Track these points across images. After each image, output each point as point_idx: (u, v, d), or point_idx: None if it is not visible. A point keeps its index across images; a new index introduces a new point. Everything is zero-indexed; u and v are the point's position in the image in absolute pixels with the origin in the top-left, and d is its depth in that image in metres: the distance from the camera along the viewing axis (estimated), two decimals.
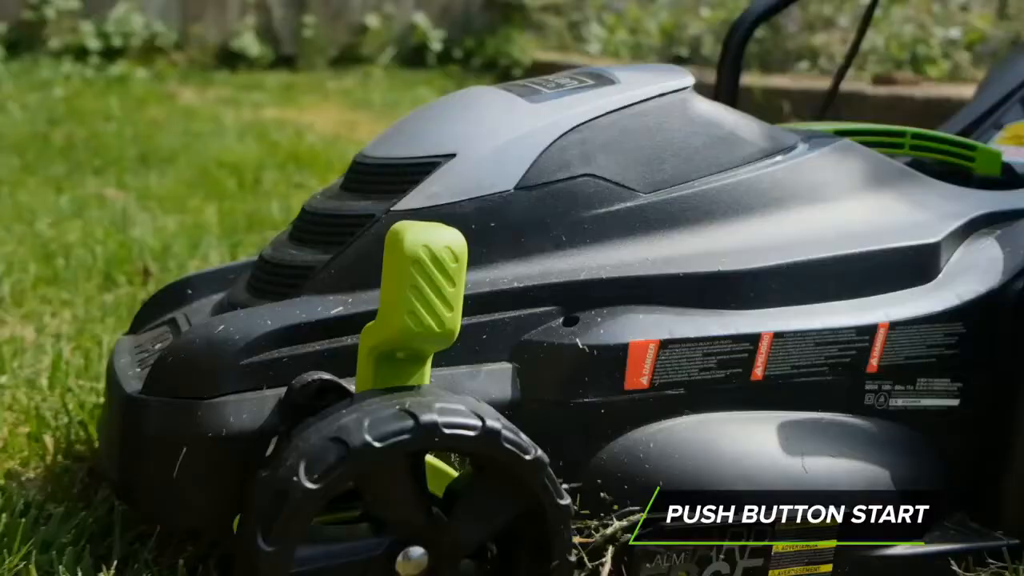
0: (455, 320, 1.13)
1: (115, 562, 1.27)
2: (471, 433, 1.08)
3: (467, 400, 1.14)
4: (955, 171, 1.68)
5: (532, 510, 1.14)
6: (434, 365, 1.23)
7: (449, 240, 1.12)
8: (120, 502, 1.34)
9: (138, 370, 1.29)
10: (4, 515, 1.35)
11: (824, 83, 3.95)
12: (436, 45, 6.52)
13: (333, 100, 5.51)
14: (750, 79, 4.65)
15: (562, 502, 1.14)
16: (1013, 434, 1.38)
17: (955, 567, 1.35)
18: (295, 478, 1.05)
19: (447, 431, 1.08)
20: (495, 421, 1.10)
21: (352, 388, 1.18)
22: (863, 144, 1.56)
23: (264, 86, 5.75)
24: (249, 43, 6.20)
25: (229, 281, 1.46)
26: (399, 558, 1.12)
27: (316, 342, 1.22)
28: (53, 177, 3.44)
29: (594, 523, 1.23)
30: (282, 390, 1.19)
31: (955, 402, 1.40)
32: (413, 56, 6.55)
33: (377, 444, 1.06)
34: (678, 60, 5.29)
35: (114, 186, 3.37)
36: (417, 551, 1.13)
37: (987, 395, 1.40)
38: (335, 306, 1.24)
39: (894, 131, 1.64)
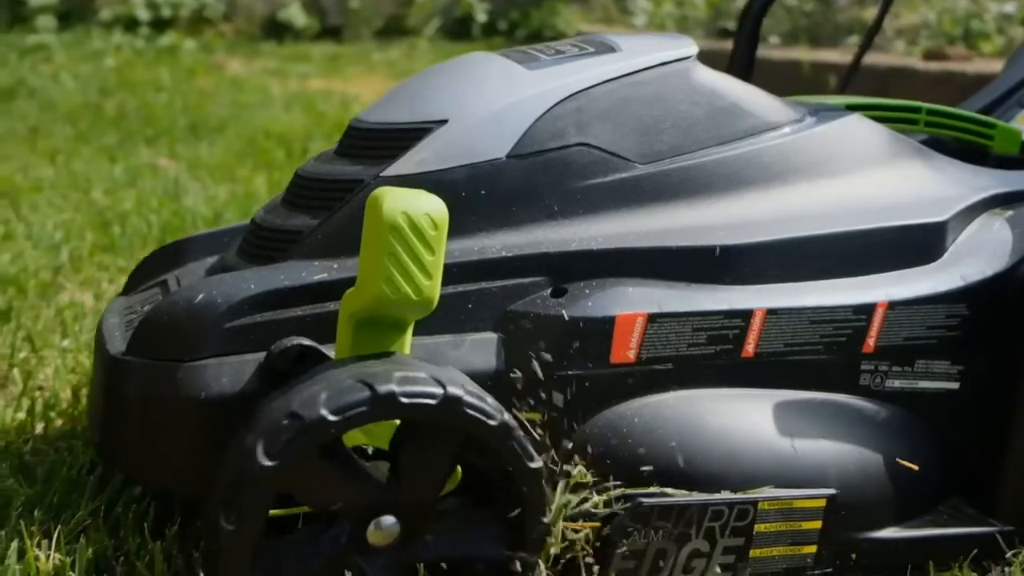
0: (434, 288, 1.12)
1: (178, 519, 1.27)
2: (431, 402, 1.07)
3: (431, 367, 1.12)
4: (973, 150, 1.64)
5: (504, 474, 1.13)
6: (418, 333, 1.23)
7: (429, 207, 1.11)
8: (99, 460, 1.36)
9: (125, 331, 1.29)
10: (72, 473, 1.38)
11: (874, 58, 3.88)
12: (481, 16, 6.50)
13: (378, 71, 5.54)
14: (799, 53, 4.59)
15: (532, 465, 1.12)
16: (1013, 419, 1.35)
17: (946, 553, 1.33)
18: (253, 456, 1.04)
19: (406, 400, 1.06)
20: (457, 388, 1.08)
21: (332, 354, 1.17)
22: (876, 120, 1.53)
23: (310, 57, 5.80)
24: (295, 14, 6.22)
25: (224, 244, 1.46)
26: (370, 529, 1.12)
27: (299, 307, 1.21)
28: (106, 146, 3.52)
29: (575, 497, 1.22)
30: (263, 355, 1.19)
31: (955, 385, 1.37)
32: (458, 27, 6.54)
33: (333, 418, 1.05)
34: (724, 33, 5.22)
35: (166, 156, 3.44)
36: (387, 520, 1.12)
37: (988, 379, 1.37)
38: (320, 271, 1.23)
39: (909, 107, 1.60)
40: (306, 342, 1.18)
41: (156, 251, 1.51)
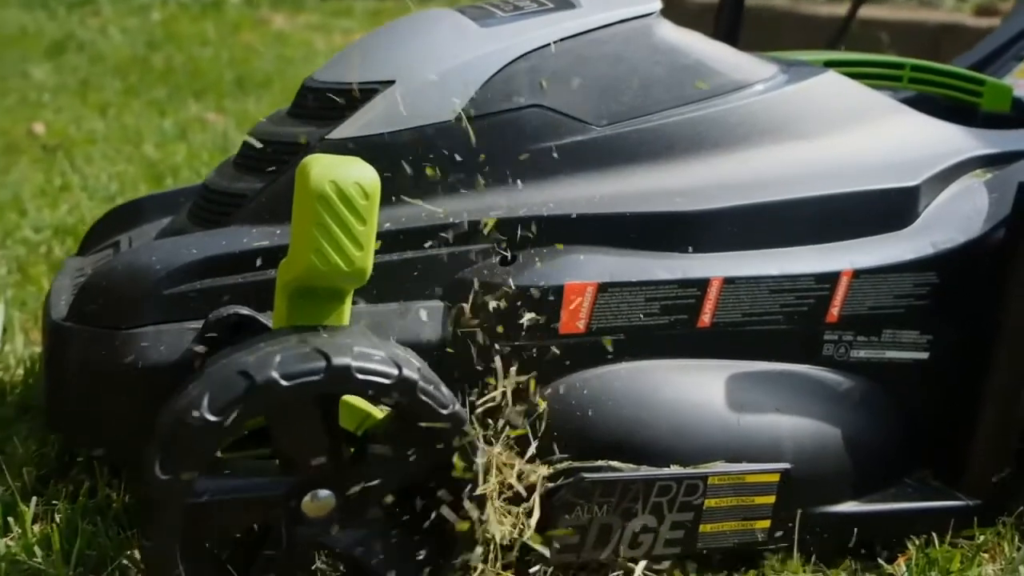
0: (365, 259, 1.09)
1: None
2: (385, 381, 1.04)
3: (389, 346, 1.10)
4: (963, 108, 1.58)
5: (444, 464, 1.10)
6: (364, 301, 1.20)
7: (359, 176, 1.07)
8: (49, 428, 1.35)
9: (71, 295, 1.28)
10: None
11: (923, 15, 3.77)
12: None
13: None
14: (845, 9, 4.46)
15: (479, 460, 1.10)
16: (983, 391, 1.30)
17: (908, 528, 1.29)
18: (196, 409, 1.02)
19: (360, 376, 1.04)
20: (412, 372, 1.06)
21: (270, 323, 1.15)
22: (857, 77, 1.47)
23: (353, 12, 5.84)
24: None
25: (180, 204, 1.43)
26: (306, 498, 1.10)
27: (240, 274, 1.19)
28: (155, 100, 3.57)
29: (521, 470, 1.19)
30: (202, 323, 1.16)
31: (923, 355, 1.33)
32: None
33: (284, 383, 1.02)
34: None
35: (214, 110, 3.48)
36: (324, 492, 1.10)
37: (958, 349, 1.32)
38: (260, 238, 1.20)
39: (892, 63, 1.54)
40: (244, 311, 1.16)
41: (112, 210, 1.49)
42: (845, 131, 1.37)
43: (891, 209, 1.32)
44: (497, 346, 1.19)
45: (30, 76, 3.82)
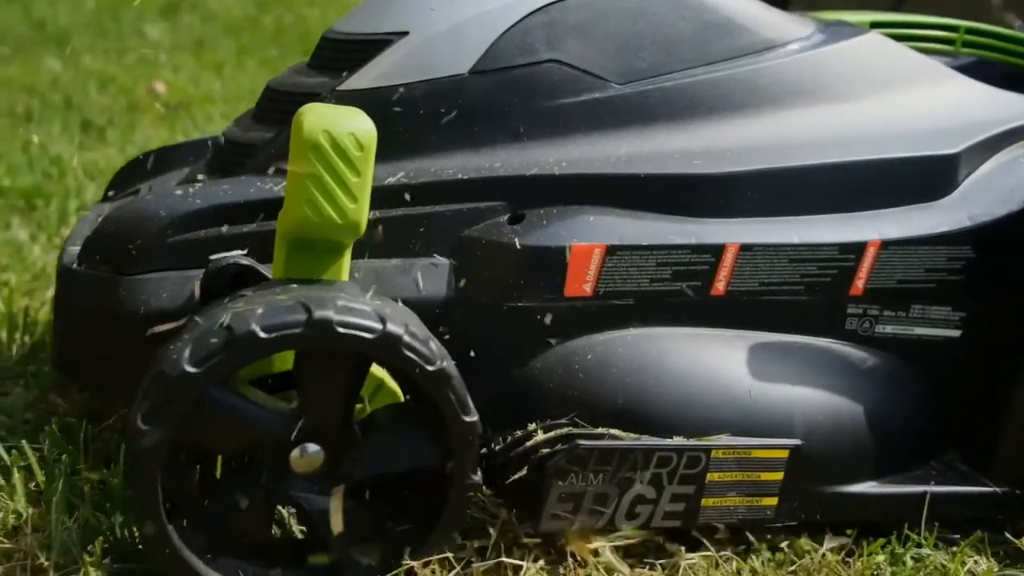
0: (359, 212, 1.07)
1: None
2: (368, 335, 1.02)
3: (377, 301, 1.08)
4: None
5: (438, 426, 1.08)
6: (368, 256, 1.18)
7: (354, 127, 1.05)
8: (55, 368, 1.36)
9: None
10: None
11: None
12: None
13: None
14: None
15: (467, 419, 1.07)
16: (1017, 373, 1.24)
17: (929, 512, 1.24)
18: (178, 360, 1.02)
19: (341, 330, 1.02)
20: (397, 327, 1.03)
21: (271, 274, 1.14)
22: (906, 39, 1.40)
23: None
24: None
25: (204, 153, 1.43)
26: (295, 451, 1.09)
27: (244, 224, 1.18)
28: (268, 59, 3.64)
29: (518, 433, 1.17)
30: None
31: (955, 333, 1.26)
32: None
33: (263, 335, 1.01)
34: None
35: None
36: (313, 447, 1.09)
37: (993, 328, 1.25)
38: (266, 188, 1.19)
39: (945, 25, 1.46)
40: (244, 260, 1.15)
41: (136, 158, 1.49)
42: (882, 95, 1.30)
43: (926, 178, 1.26)
44: (502, 307, 1.17)
45: (146, 35, 3.90)
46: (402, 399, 1.14)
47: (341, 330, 1.02)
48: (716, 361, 1.20)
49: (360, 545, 1.11)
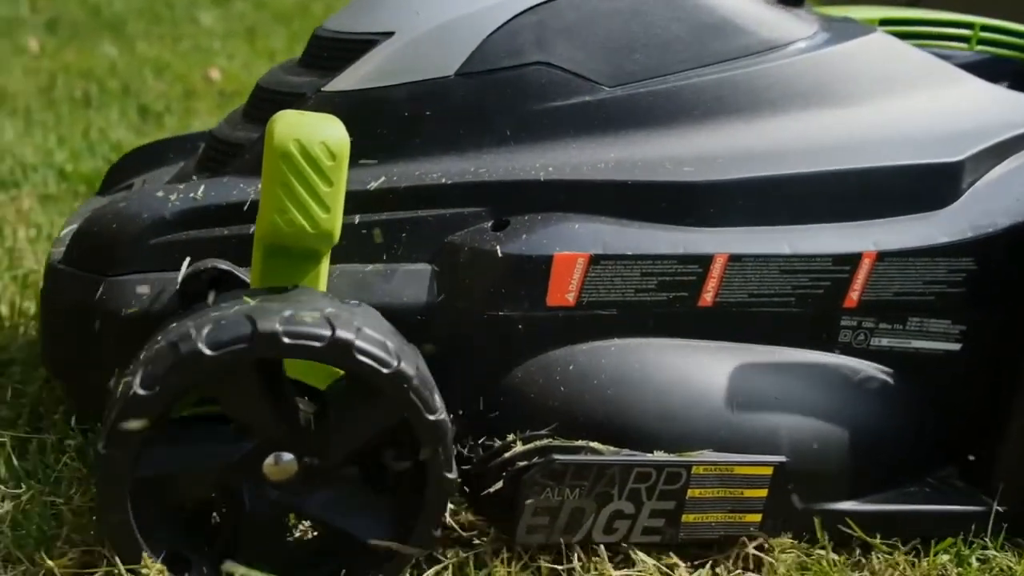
0: (331, 221, 1.05)
1: None
2: (317, 344, 1.00)
3: (336, 307, 1.04)
4: None
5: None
6: (348, 261, 1.17)
7: (326, 135, 1.03)
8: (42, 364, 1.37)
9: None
10: None
11: None
12: None
13: None
14: None
15: (432, 417, 1.05)
16: (1019, 387, 1.20)
17: (922, 529, 1.21)
18: (130, 383, 1.01)
19: (288, 341, 0.99)
20: (348, 332, 1.01)
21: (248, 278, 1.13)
22: (917, 38, 1.35)
23: None
24: None
25: (198, 148, 1.42)
26: (268, 461, 1.08)
27: (225, 227, 1.17)
28: None
29: (497, 443, 1.15)
30: None
31: (955, 346, 1.22)
32: None
33: (210, 352, 0.98)
34: None
35: None
36: (287, 456, 1.08)
37: (994, 342, 1.21)
38: (247, 190, 1.18)
39: (960, 22, 1.41)
40: (223, 265, 1.14)
41: (132, 152, 1.49)
42: (885, 99, 1.26)
43: (926, 187, 1.21)
44: (482, 315, 1.15)
45: (199, 22, 3.91)
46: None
47: (288, 340, 1.00)
48: (700, 374, 1.17)
49: (336, 556, 1.10)
